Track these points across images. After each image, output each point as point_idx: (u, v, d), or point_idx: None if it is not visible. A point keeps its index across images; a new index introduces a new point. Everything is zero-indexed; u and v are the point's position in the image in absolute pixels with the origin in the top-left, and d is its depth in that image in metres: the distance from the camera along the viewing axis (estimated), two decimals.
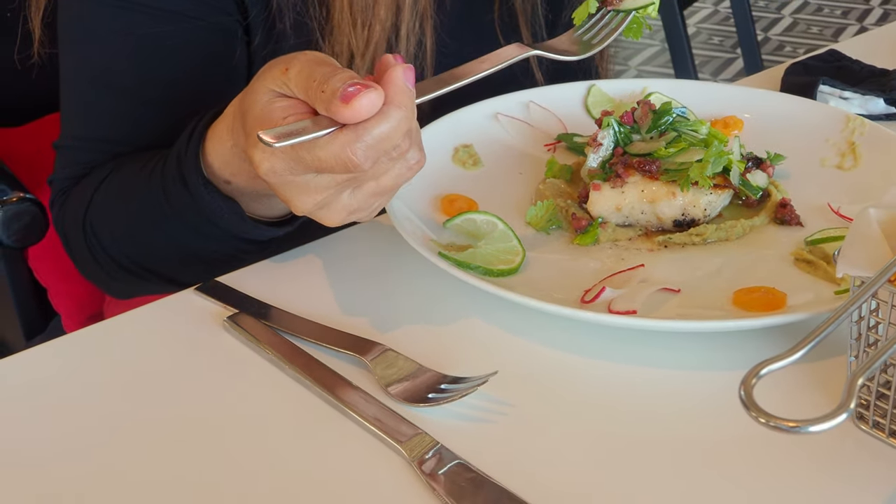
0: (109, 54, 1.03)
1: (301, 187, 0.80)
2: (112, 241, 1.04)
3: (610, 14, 0.97)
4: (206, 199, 0.93)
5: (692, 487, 0.73)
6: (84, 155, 1.06)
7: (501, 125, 1.13)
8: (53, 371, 0.86)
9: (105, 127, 1.06)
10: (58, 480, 0.75)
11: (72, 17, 1.05)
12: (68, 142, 1.08)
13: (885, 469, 0.73)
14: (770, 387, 0.73)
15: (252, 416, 0.80)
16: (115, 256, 1.04)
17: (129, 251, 1.04)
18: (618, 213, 0.97)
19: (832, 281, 0.89)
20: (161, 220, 0.98)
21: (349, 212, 0.82)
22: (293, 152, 0.78)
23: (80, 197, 1.05)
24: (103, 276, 1.07)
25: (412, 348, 0.84)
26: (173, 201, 0.96)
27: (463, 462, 0.73)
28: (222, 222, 0.95)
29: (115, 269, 1.05)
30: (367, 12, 1.02)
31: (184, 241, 0.99)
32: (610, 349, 0.85)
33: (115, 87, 1.04)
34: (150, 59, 1.03)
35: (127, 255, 1.04)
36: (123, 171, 1.03)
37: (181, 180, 0.94)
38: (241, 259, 0.98)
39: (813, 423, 0.59)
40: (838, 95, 1.22)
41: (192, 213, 0.96)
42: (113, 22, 1.02)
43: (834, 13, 4.32)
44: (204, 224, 0.96)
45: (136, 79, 1.04)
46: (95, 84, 1.05)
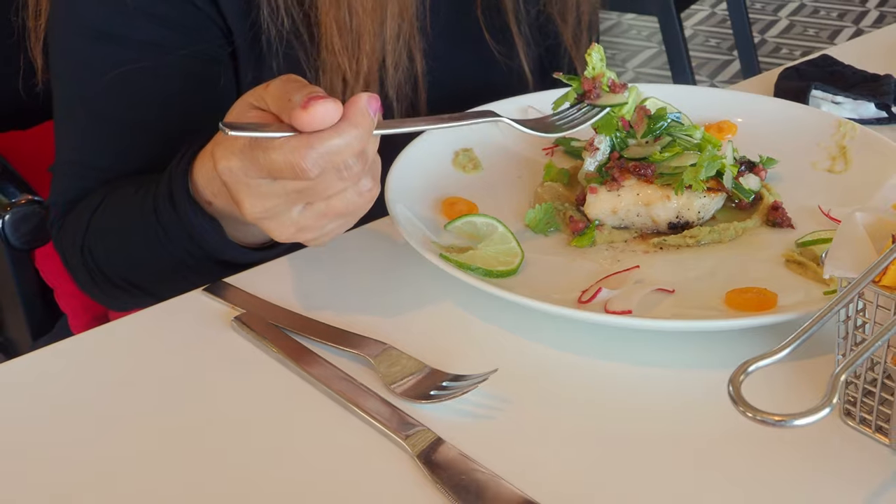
0: (97, 85, 1.05)
1: (253, 190, 0.81)
2: (107, 263, 1.06)
3: (586, 108, 1.01)
4: (189, 216, 0.95)
5: (686, 481, 0.74)
6: (77, 181, 1.09)
7: (500, 129, 1.14)
8: (61, 371, 0.87)
9: (96, 155, 1.08)
10: (67, 480, 0.76)
11: (61, 51, 1.07)
12: (62, 167, 1.10)
13: (870, 463, 0.75)
14: (762, 385, 0.75)
15: (259, 414, 0.81)
16: (109, 276, 1.07)
17: (122, 271, 1.06)
18: (614, 216, 0.99)
19: (822, 282, 0.91)
20: (153, 241, 1.00)
21: (297, 228, 0.83)
22: (250, 153, 0.79)
23: (78, 222, 1.07)
24: (100, 294, 1.10)
25: (415, 347, 0.86)
26: (162, 220, 0.98)
27: (464, 456, 0.75)
28: (204, 241, 0.96)
29: (110, 287, 1.08)
30: (353, 46, 1.04)
31: (172, 262, 1.00)
32: (606, 348, 0.87)
33: (103, 117, 1.06)
34: (138, 89, 1.05)
35: (120, 275, 1.06)
36: (117, 194, 1.05)
37: (169, 197, 0.96)
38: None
39: (797, 418, 0.61)
40: (830, 100, 1.24)
41: (178, 231, 0.97)
42: (99, 55, 1.04)
43: (830, 15, 4.33)
44: (188, 243, 0.97)
45: (124, 108, 1.06)
46: (85, 114, 1.07)
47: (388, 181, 1.01)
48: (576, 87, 1.02)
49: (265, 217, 0.83)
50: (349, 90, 1.06)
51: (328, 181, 0.80)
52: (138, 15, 1.03)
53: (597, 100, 1.01)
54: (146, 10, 1.03)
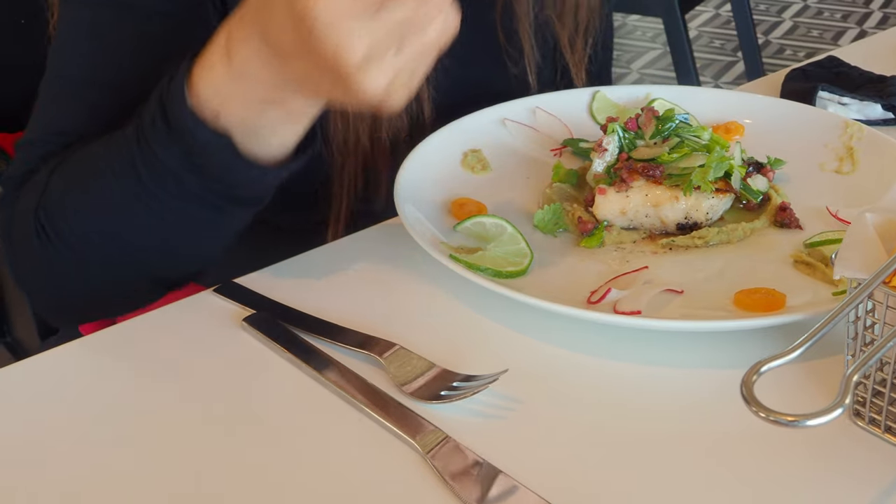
0: (77, 50, 0.99)
1: (353, 29, 0.75)
2: (72, 220, 0.92)
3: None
4: (192, 131, 0.85)
5: (695, 481, 0.75)
6: (40, 148, 0.98)
7: (509, 131, 1.15)
8: (70, 373, 0.87)
9: (62, 120, 0.99)
10: (76, 479, 0.76)
11: (60, 21, 1.01)
12: (27, 140, 1.00)
13: (880, 463, 0.75)
14: (772, 384, 0.75)
15: (269, 413, 0.82)
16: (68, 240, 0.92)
17: (90, 230, 0.92)
18: (623, 217, 0.99)
19: (830, 282, 0.91)
20: (132, 181, 0.88)
21: (393, 73, 0.77)
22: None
23: (34, 184, 0.95)
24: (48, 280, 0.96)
25: (425, 347, 0.86)
26: (152, 146, 0.87)
27: (474, 455, 0.75)
28: (209, 159, 0.86)
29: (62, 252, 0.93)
30: None
31: (156, 209, 0.89)
32: (615, 348, 0.87)
33: (76, 80, 0.98)
34: (114, 51, 0.98)
35: (86, 239, 0.93)
36: (88, 146, 0.94)
37: (161, 116, 0.86)
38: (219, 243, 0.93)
39: (810, 418, 0.61)
40: (837, 101, 1.24)
41: (171, 156, 0.86)
42: (84, 16, 0.99)
43: (834, 17, 4.34)
44: (185, 169, 0.87)
45: (94, 71, 0.99)
46: (62, 81, 1.00)
47: (397, 182, 1.01)
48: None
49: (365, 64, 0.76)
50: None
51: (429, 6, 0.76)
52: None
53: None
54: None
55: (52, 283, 0.96)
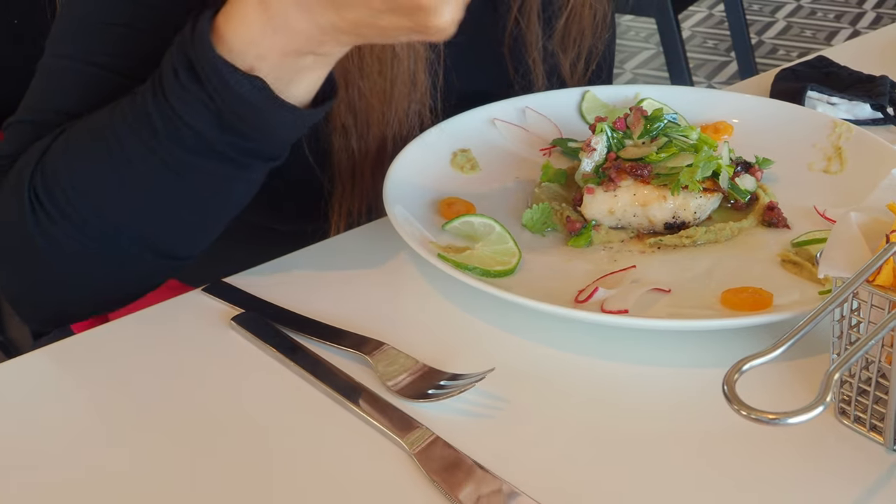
0: (76, 30, 0.97)
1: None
2: (78, 183, 0.87)
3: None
4: (228, 81, 0.81)
5: (682, 479, 0.75)
6: (43, 125, 0.93)
7: (498, 130, 1.15)
8: (61, 371, 0.87)
9: (56, 96, 0.95)
10: (66, 479, 0.76)
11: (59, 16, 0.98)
12: (23, 115, 0.96)
13: (865, 461, 0.75)
14: (759, 384, 0.76)
15: (258, 412, 0.82)
16: (73, 211, 0.87)
17: (100, 209, 0.88)
18: (611, 216, 0.99)
19: (818, 282, 0.91)
20: (150, 141, 0.85)
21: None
22: None
23: (29, 154, 0.90)
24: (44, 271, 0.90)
25: (412, 346, 0.86)
26: (173, 99, 0.83)
27: (461, 454, 0.75)
28: (244, 113, 0.83)
29: (69, 238, 0.88)
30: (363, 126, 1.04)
31: (176, 169, 0.86)
32: (603, 347, 0.87)
33: (74, 59, 0.95)
34: (116, 30, 0.95)
35: (98, 215, 0.88)
36: (91, 117, 0.90)
37: (188, 69, 0.82)
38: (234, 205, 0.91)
39: (791, 416, 0.62)
40: (826, 101, 1.24)
41: (199, 107, 0.83)
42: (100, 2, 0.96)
43: (827, 17, 4.34)
44: (211, 130, 0.84)
45: (96, 51, 0.95)
46: (57, 60, 0.96)
47: (386, 182, 1.01)
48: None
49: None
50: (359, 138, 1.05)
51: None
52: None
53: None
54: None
55: (44, 268, 0.90)
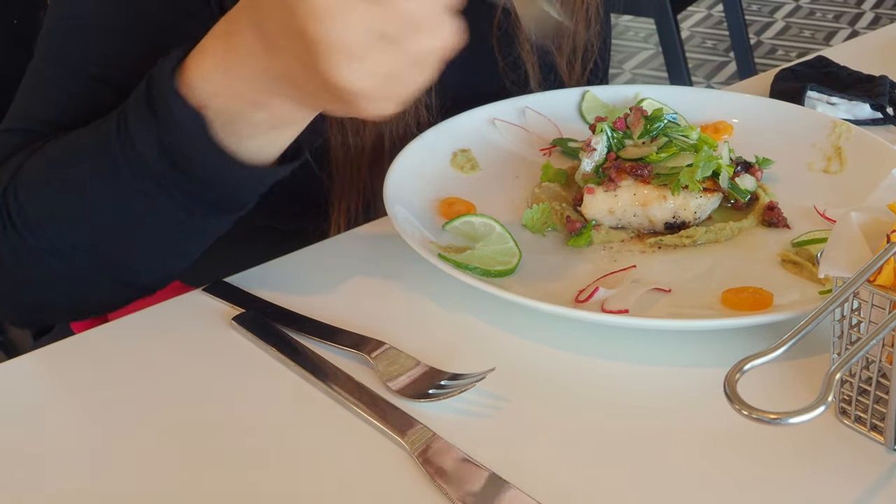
0: (66, 36, 0.97)
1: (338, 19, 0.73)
2: (43, 204, 0.88)
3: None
4: (169, 103, 0.81)
5: (683, 479, 0.75)
6: (26, 134, 0.94)
7: (498, 130, 1.15)
8: (60, 370, 0.87)
9: (42, 104, 0.96)
10: (66, 478, 0.76)
11: (51, 7, 0.99)
12: (11, 124, 0.96)
13: (866, 461, 0.76)
14: (760, 383, 0.76)
15: (258, 412, 0.82)
16: (34, 225, 0.88)
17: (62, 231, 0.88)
18: (611, 216, 1.00)
19: (818, 281, 0.91)
20: (107, 161, 0.85)
21: (379, 73, 0.74)
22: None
23: (6, 165, 0.91)
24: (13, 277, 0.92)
25: (413, 346, 0.86)
26: (131, 125, 0.84)
27: (461, 454, 0.75)
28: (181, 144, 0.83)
29: (36, 255, 0.89)
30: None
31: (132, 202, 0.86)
32: (603, 347, 0.87)
33: (58, 63, 0.96)
34: (109, 41, 0.97)
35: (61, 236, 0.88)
36: (68, 134, 0.91)
37: (145, 94, 0.83)
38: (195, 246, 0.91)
39: (792, 416, 0.62)
40: (826, 101, 1.25)
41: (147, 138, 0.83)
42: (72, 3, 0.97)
43: (826, 17, 4.35)
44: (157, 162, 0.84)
45: (86, 59, 0.96)
46: (48, 66, 0.97)
47: (386, 182, 1.01)
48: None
49: (350, 55, 0.73)
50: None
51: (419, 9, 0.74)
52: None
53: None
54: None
55: (12, 280, 0.92)
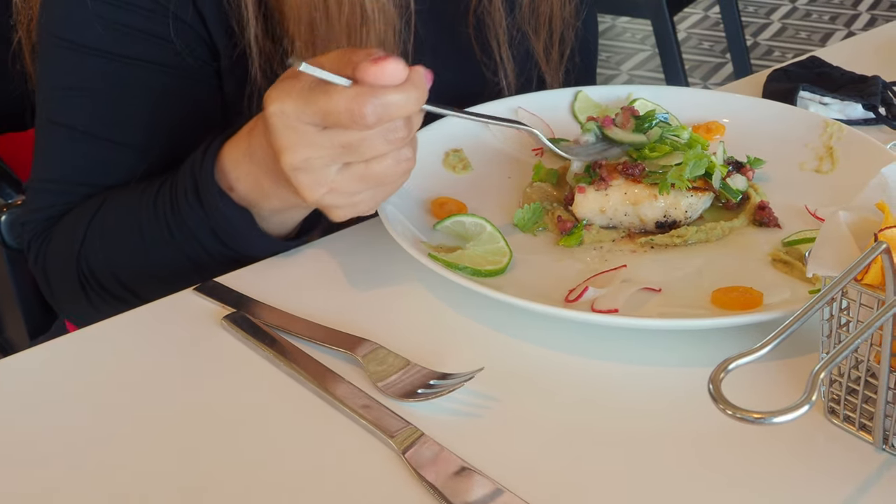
0: (80, 100, 1.05)
1: (300, 137, 0.83)
2: (107, 269, 1.04)
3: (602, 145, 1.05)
4: (218, 207, 0.95)
5: (672, 479, 0.75)
6: (59, 197, 1.07)
7: (490, 130, 1.15)
8: (55, 369, 0.87)
9: (80, 171, 1.07)
10: (59, 476, 0.76)
11: (48, 66, 1.06)
12: (40, 184, 1.09)
13: (855, 460, 0.76)
14: (748, 383, 0.77)
15: (248, 411, 0.82)
16: (105, 284, 1.05)
17: (123, 276, 1.04)
18: (602, 215, 1.00)
19: (808, 281, 0.91)
20: (166, 239, 1.00)
21: (330, 188, 0.85)
22: (309, 95, 0.81)
23: (70, 236, 1.05)
24: (84, 306, 1.07)
25: (402, 346, 0.86)
26: (181, 214, 0.98)
27: (450, 453, 0.76)
28: (231, 234, 0.97)
29: (103, 296, 1.05)
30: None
31: (183, 260, 1.00)
32: (593, 346, 0.87)
33: (86, 133, 1.05)
34: (121, 104, 1.05)
35: (119, 280, 1.04)
36: (120, 198, 1.04)
37: (193, 190, 0.96)
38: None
39: (777, 415, 0.61)
40: (818, 101, 1.25)
41: (200, 226, 0.97)
42: (85, 69, 1.04)
43: (822, 18, 4.35)
44: (209, 238, 0.97)
45: (107, 124, 1.05)
46: (71, 131, 1.06)
47: None
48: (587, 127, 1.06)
49: (302, 169, 0.84)
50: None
51: (374, 140, 0.82)
52: (125, 31, 1.03)
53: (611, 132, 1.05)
54: (133, 26, 1.03)
55: (91, 306, 1.06)
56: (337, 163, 0.84)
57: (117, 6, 1.02)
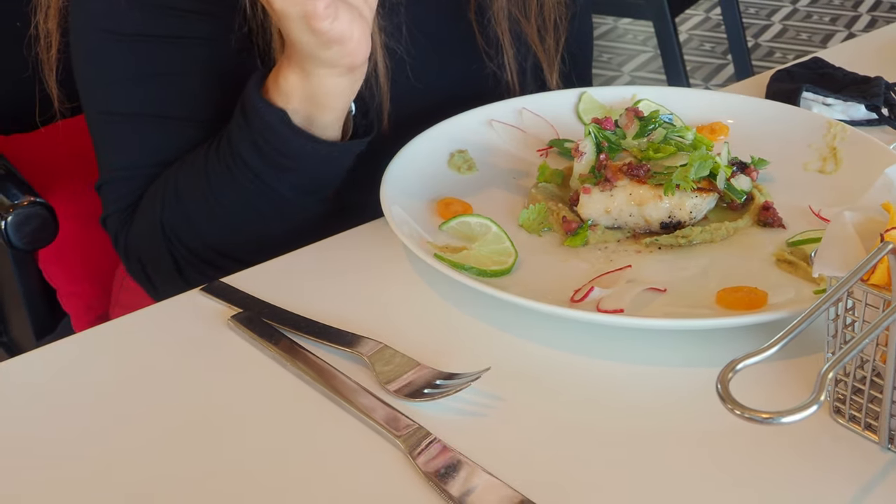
0: (128, 88, 1.07)
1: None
2: (192, 233, 1.07)
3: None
4: (257, 108, 0.99)
5: (678, 478, 0.75)
6: (133, 183, 1.10)
7: (495, 131, 1.16)
8: (62, 369, 0.88)
9: (146, 154, 1.10)
10: (65, 476, 0.77)
11: (89, 61, 1.09)
12: (113, 176, 1.11)
13: (860, 459, 0.76)
14: (754, 383, 0.77)
15: (255, 411, 0.82)
16: (197, 251, 1.08)
17: (211, 239, 1.07)
18: (607, 216, 1.00)
19: (813, 281, 0.91)
20: (226, 180, 1.03)
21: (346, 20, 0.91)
22: None
23: (150, 210, 1.08)
24: (184, 279, 1.09)
25: (409, 346, 0.86)
26: (232, 140, 1.01)
27: (457, 453, 0.76)
28: (272, 133, 0.99)
29: (198, 264, 1.08)
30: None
31: (246, 202, 1.04)
32: (598, 347, 0.87)
33: (139, 117, 1.08)
34: (177, 83, 1.08)
35: (209, 244, 1.07)
36: (185, 164, 1.07)
37: (241, 112, 1.01)
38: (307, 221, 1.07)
39: (785, 415, 0.62)
40: (821, 102, 1.25)
41: (247, 141, 1.01)
42: (127, 55, 1.06)
43: (822, 20, 4.35)
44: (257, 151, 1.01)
45: (158, 104, 1.08)
46: (128, 118, 1.08)
47: (384, 182, 1.02)
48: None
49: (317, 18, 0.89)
50: None
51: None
52: (158, 12, 1.05)
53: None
54: (163, 3, 1.05)
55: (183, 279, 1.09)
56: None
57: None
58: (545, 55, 1.23)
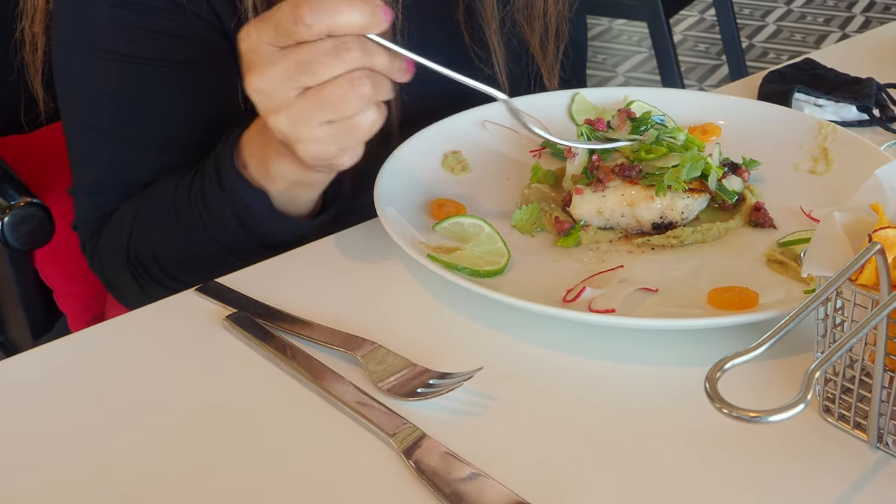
0: (106, 104, 1.08)
1: (259, 57, 0.86)
2: (154, 261, 1.08)
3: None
4: (235, 186, 0.99)
5: (669, 478, 0.76)
6: (102, 199, 1.11)
7: (489, 132, 1.16)
8: (58, 369, 0.88)
9: (117, 173, 1.10)
10: (63, 475, 0.77)
11: (69, 72, 1.09)
12: (84, 188, 1.12)
13: (850, 458, 0.76)
14: (744, 383, 0.77)
15: (250, 411, 0.82)
16: (155, 275, 1.09)
17: (169, 267, 1.08)
18: (599, 217, 1.00)
19: (803, 281, 0.92)
20: (199, 227, 1.03)
21: (288, 112, 0.87)
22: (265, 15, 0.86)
23: (117, 233, 1.09)
24: (140, 297, 1.10)
25: (402, 345, 0.87)
26: (209, 202, 1.01)
27: (449, 452, 0.76)
28: (249, 212, 1.00)
29: (155, 287, 1.09)
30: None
31: (218, 248, 1.04)
32: (590, 346, 0.88)
33: (117, 135, 1.08)
34: (152, 105, 1.08)
35: (167, 272, 1.08)
36: (156, 193, 1.08)
37: (216, 174, 1.00)
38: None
39: (772, 414, 0.62)
40: (813, 103, 1.25)
41: (225, 210, 1.00)
42: (107, 73, 1.06)
43: (816, 21, 4.36)
44: (234, 221, 1.01)
45: (136, 125, 1.08)
46: (99, 135, 1.09)
47: (377, 183, 1.02)
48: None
49: (262, 90, 0.87)
50: None
51: (326, 58, 0.85)
52: (142, 32, 1.05)
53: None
54: (149, 26, 1.05)
55: (147, 297, 1.05)
56: (293, 82, 0.86)
57: (134, 10, 1.04)
58: (545, 63, 1.23)
